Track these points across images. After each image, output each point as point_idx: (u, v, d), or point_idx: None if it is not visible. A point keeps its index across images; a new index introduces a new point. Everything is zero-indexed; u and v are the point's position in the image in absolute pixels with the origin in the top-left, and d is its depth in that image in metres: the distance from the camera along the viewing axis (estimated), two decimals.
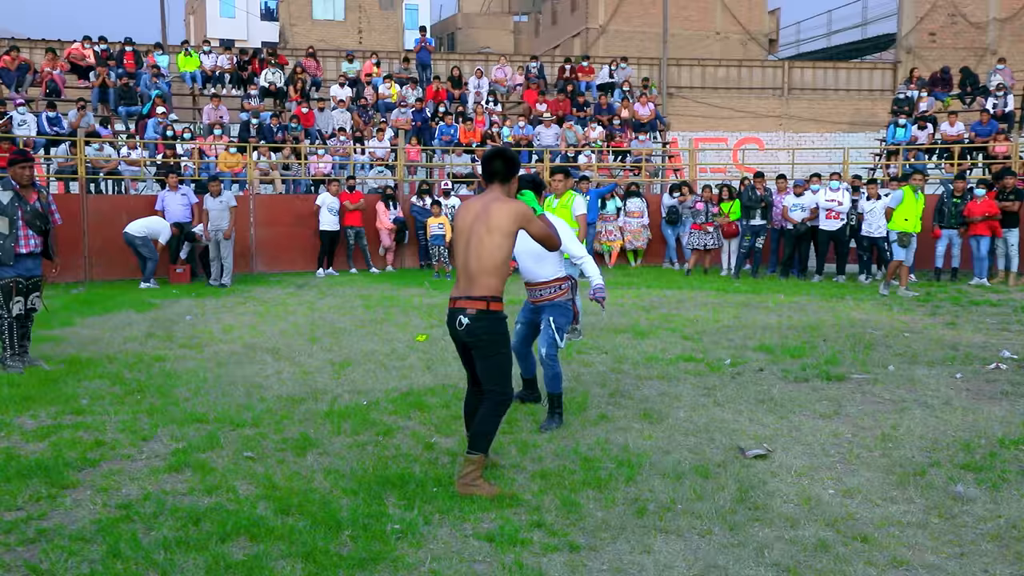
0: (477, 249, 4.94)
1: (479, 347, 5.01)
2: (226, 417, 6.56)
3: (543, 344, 6.36)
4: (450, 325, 5.08)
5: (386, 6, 43.56)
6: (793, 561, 4.13)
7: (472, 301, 4.94)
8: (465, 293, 4.97)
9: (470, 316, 4.93)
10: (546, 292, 6.36)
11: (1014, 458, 5.58)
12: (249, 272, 16.88)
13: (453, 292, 5.08)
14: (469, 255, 4.97)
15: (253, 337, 9.99)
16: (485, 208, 4.98)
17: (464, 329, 4.96)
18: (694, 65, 29.97)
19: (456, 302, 5.00)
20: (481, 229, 4.94)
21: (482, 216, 4.96)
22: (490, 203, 4.99)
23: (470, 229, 4.99)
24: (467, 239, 4.99)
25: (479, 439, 5.02)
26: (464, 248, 5.01)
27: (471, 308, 4.93)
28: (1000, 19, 30.21)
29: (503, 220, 4.91)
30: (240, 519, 4.55)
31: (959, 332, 10.18)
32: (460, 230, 5.07)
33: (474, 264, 4.95)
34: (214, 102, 20.59)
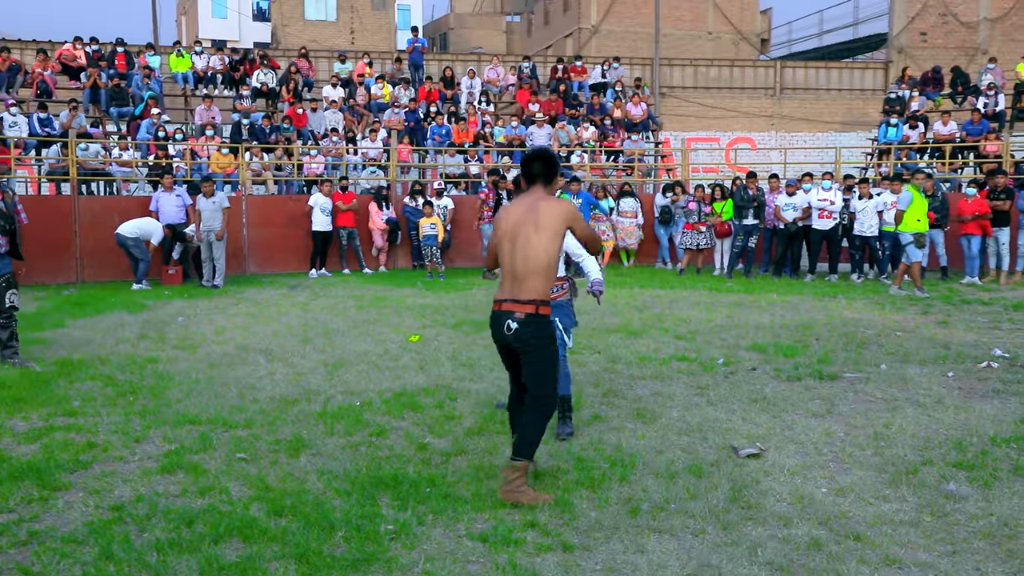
0: (524, 250, 4.80)
1: (527, 352, 4.87)
2: (219, 418, 6.55)
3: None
4: (495, 328, 4.94)
5: (378, 6, 43.51)
6: (786, 560, 4.13)
7: (520, 304, 4.81)
8: (512, 296, 4.84)
9: (518, 320, 4.80)
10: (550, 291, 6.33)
11: (1006, 456, 5.60)
12: (242, 273, 16.85)
13: (498, 294, 4.93)
14: (516, 257, 4.83)
15: (246, 338, 9.97)
16: (532, 208, 4.86)
17: (512, 334, 4.82)
18: (686, 65, 30.01)
19: (502, 305, 4.87)
20: (529, 229, 4.80)
21: (529, 216, 4.83)
22: (537, 203, 4.88)
23: (516, 230, 4.84)
24: (513, 241, 4.85)
25: (524, 446, 4.87)
26: (510, 250, 4.86)
27: (519, 312, 4.80)
28: (991, 19, 30.32)
29: (552, 219, 4.81)
30: (233, 520, 4.54)
31: (951, 331, 10.21)
32: (505, 232, 4.91)
33: (521, 266, 4.82)
34: (206, 103, 20.55)
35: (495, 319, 4.93)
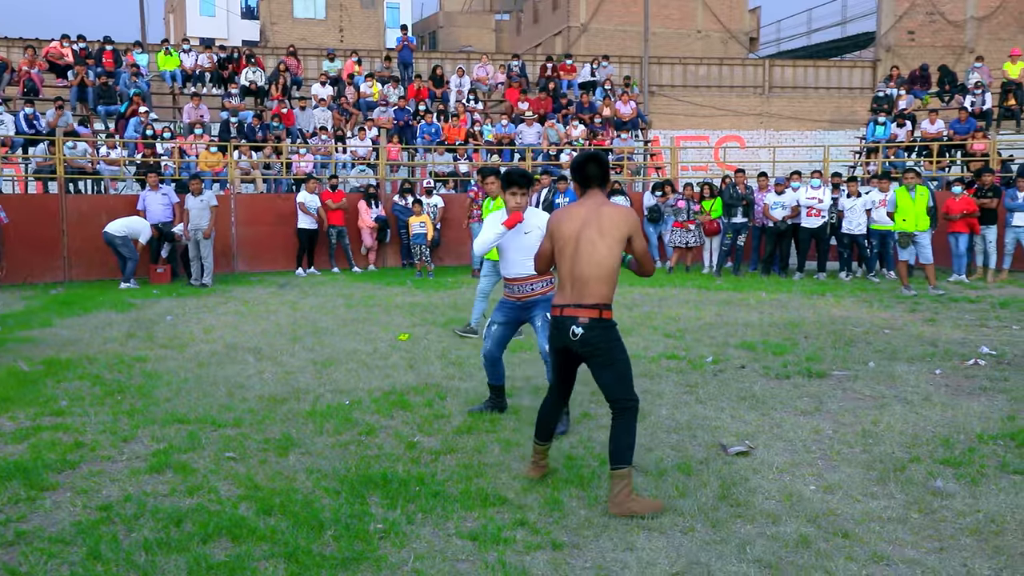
0: (589, 255, 4.73)
1: (596, 356, 4.77)
2: (207, 417, 6.53)
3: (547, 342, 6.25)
4: (558, 334, 4.84)
5: (367, 5, 43.44)
6: (775, 557, 4.15)
7: (584, 309, 4.73)
8: (575, 301, 4.75)
9: (584, 326, 4.72)
10: (538, 286, 6.31)
11: (992, 453, 5.63)
12: (230, 272, 16.81)
13: (558, 299, 4.84)
14: (579, 261, 4.75)
15: (234, 337, 9.95)
16: (596, 213, 4.79)
17: (579, 339, 4.73)
18: (675, 63, 30.05)
19: (564, 310, 4.78)
20: (593, 234, 4.74)
21: (592, 221, 4.76)
22: (600, 207, 4.82)
23: (578, 235, 4.77)
24: (575, 245, 4.77)
25: (622, 452, 4.71)
26: (572, 254, 4.78)
27: (583, 317, 4.72)
28: (978, 17, 30.44)
29: (617, 225, 4.76)
30: (222, 520, 4.53)
31: (938, 328, 10.25)
32: (565, 236, 4.82)
33: (585, 271, 4.73)
34: (194, 101, 20.48)
35: (558, 324, 4.83)
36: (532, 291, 6.32)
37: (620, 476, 4.68)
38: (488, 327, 6.53)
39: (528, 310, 6.39)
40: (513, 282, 6.35)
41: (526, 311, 6.40)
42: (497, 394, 6.70)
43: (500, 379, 6.66)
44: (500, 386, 6.69)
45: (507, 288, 6.42)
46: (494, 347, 6.51)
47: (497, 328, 6.48)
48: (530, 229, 6.27)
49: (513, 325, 6.52)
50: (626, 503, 4.64)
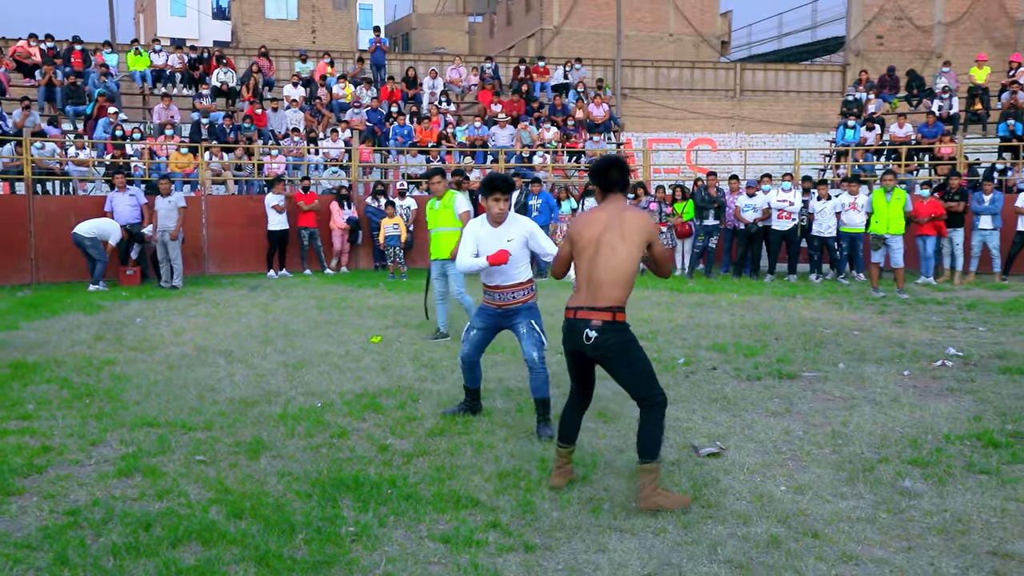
0: (608, 259, 4.78)
1: (611, 358, 4.81)
2: (177, 421, 6.48)
3: (533, 348, 6.18)
4: (571, 336, 4.87)
5: (340, 6, 43.28)
6: (745, 558, 4.17)
7: (597, 312, 4.77)
8: (588, 304, 4.80)
9: (596, 328, 4.75)
10: (519, 294, 6.26)
11: (959, 453, 5.70)
12: (201, 274, 16.68)
13: (572, 302, 4.88)
14: (597, 265, 4.80)
15: (205, 339, 9.87)
16: (617, 217, 4.83)
17: (592, 343, 4.77)
18: (648, 66, 30.19)
19: (577, 312, 4.82)
20: (614, 239, 4.78)
21: (614, 226, 4.80)
22: (622, 212, 4.87)
23: (599, 239, 4.81)
24: (595, 249, 4.81)
25: (650, 447, 4.75)
26: (591, 258, 4.82)
27: (596, 319, 4.76)
28: (945, 23, 30.82)
29: (637, 231, 4.81)
30: (192, 524, 4.50)
31: (906, 330, 10.36)
32: (585, 240, 4.86)
33: (603, 275, 4.78)
34: (165, 102, 20.30)
35: (571, 327, 4.85)
36: (513, 299, 6.27)
37: (647, 470, 4.73)
38: (467, 331, 6.50)
39: (509, 318, 6.33)
40: (494, 290, 6.28)
41: (506, 319, 6.34)
42: (473, 397, 6.69)
43: (476, 382, 6.66)
44: (476, 389, 6.69)
45: (487, 295, 6.35)
46: (472, 351, 6.49)
47: (476, 333, 6.45)
48: (512, 236, 6.22)
49: (492, 331, 6.50)
50: (652, 497, 4.70)
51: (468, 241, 6.34)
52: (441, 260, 9.72)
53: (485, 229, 6.32)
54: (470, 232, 6.35)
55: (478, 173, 19.29)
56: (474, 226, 6.38)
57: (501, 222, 6.28)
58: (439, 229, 9.72)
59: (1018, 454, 5.63)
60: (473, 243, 6.31)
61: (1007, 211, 15.49)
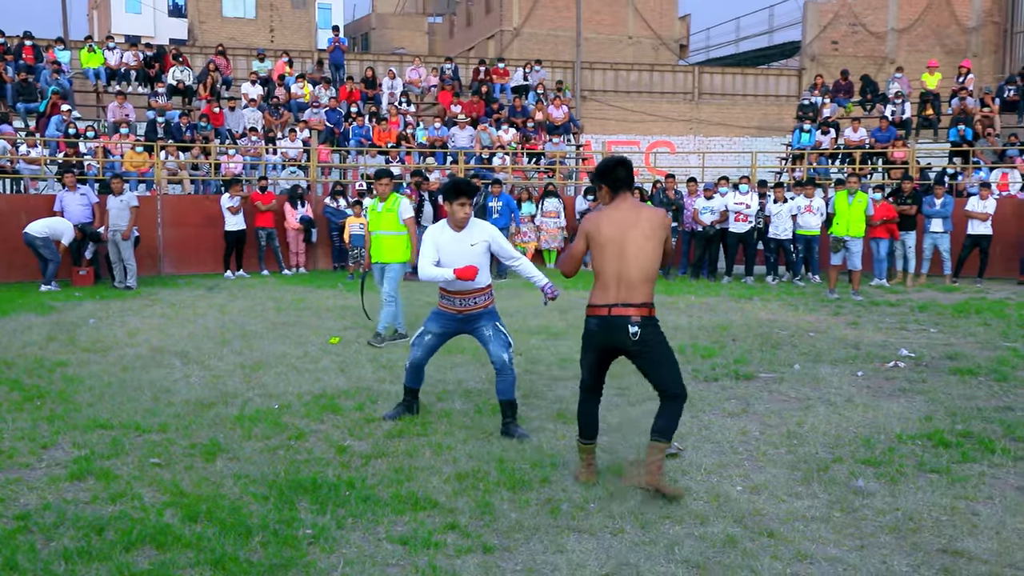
0: (638, 257, 4.92)
1: (648, 353, 4.96)
2: (131, 423, 6.39)
3: (502, 350, 6.16)
4: (608, 333, 4.97)
5: (298, 5, 42.97)
6: (702, 557, 4.21)
7: (635, 308, 4.91)
8: (624, 300, 4.92)
9: (638, 324, 4.90)
10: (481, 299, 6.22)
11: (911, 453, 5.79)
12: (157, 274, 16.47)
13: (601, 299, 4.99)
14: (627, 263, 4.92)
15: (160, 340, 9.75)
16: (637, 216, 4.98)
17: (638, 338, 4.90)
18: (607, 69, 30.34)
19: (612, 310, 4.93)
20: (639, 237, 4.93)
21: (637, 224, 4.95)
22: (639, 210, 5.03)
23: (623, 237, 4.94)
24: (620, 248, 4.93)
25: (668, 428, 4.97)
26: (617, 256, 4.94)
27: (636, 316, 4.90)
28: (898, 29, 31.34)
29: (658, 228, 4.99)
30: (146, 527, 4.44)
31: (861, 331, 10.52)
32: (606, 238, 4.96)
33: (635, 272, 4.92)
34: (119, 100, 20.02)
35: (608, 324, 4.95)
36: (475, 304, 6.22)
37: (659, 448, 4.95)
38: (420, 336, 6.40)
39: (470, 323, 6.28)
40: (456, 295, 6.20)
41: (468, 324, 6.29)
42: (413, 396, 6.63)
43: (419, 383, 6.62)
44: (417, 389, 6.64)
45: (446, 300, 6.27)
46: (424, 356, 6.43)
47: (431, 338, 6.38)
48: (475, 241, 6.16)
49: (448, 337, 6.44)
50: (657, 475, 4.90)
51: (429, 248, 6.16)
52: (383, 263, 9.62)
53: (447, 234, 6.18)
54: (431, 238, 6.19)
55: (438, 174, 19.25)
56: (435, 232, 6.22)
57: (464, 227, 6.20)
58: (381, 232, 9.59)
59: (967, 454, 5.74)
60: (435, 250, 6.15)
61: (957, 215, 15.80)
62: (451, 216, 6.17)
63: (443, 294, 6.28)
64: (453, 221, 6.17)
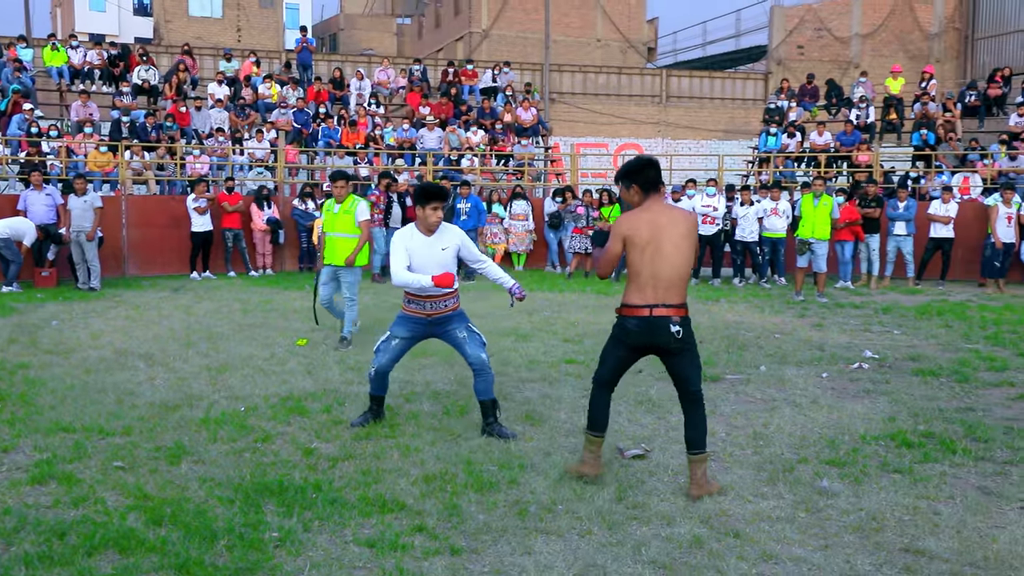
0: (674, 258, 4.99)
1: (685, 352, 5.06)
2: (94, 426, 6.31)
3: (480, 349, 6.16)
4: (649, 332, 5.00)
5: (266, 4, 42.73)
6: (669, 558, 4.23)
7: (675, 309, 4.99)
8: (664, 301, 4.98)
9: (679, 324, 4.98)
10: (451, 302, 6.20)
11: (874, 453, 5.86)
12: (121, 275, 16.28)
13: (640, 299, 5.01)
14: (664, 264, 4.97)
15: (124, 342, 9.64)
16: (670, 217, 5.05)
17: (680, 338, 4.98)
18: (575, 71, 30.43)
19: (654, 311, 4.98)
20: (676, 238, 5.00)
21: (671, 226, 5.01)
22: (672, 212, 5.12)
23: (660, 239, 4.97)
24: (658, 248, 4.97)
25: (702, 438, 5.08)
26: (652, 257, 4.97)
27: (676, 316, 4.99)
28: (862, 35, 31.71)
29: (692, 229, 5.11)
30: (109, 532, 4.39)
31: (825, 333, 10.62)
32: (645, 239, 4.98)
33: (672, 272, 4.99)
34: (82, 99, 19.78)
35: (651, 325, 4.98)
36: (445, 307, 6.19)
37: (702, 460, 5.08)
38: (387, 341, 6.33)
39: (441, 326, 6.24)
40: (426, 299, 6.16)
41: (438, 327, 6.25)
42: (379, 404, 6.55)
43: (385, 390, 6.54)
44: (383, 396, 6.56)
45: (415, 304, 6.21)
46: (389, 362, 6.35)
47: (399, 343, 6.31)
48: (446, 245, 6.15)
49: (416, 341, 6.40)
50: (706, 486, 5.05)
51: (400, 253, 6.10)
52: (334, 266, 9.48)
53: (417, 239, 6.14)
54: (401, 243, 6.13)
55: (407, 176, 19.20)
56: (404, 236, 6.17)
57: (434, 231, 6.16)
58: (336, 234, 9.45)
59: (929, 454, 5.82)
60: (406, 254, 6.09)
61: (920, 218, 16.00)
62: (422, 220, 6.12)
63: (411, 298, 6.23)
64: (424, 225, 6.13)
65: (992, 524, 4.68)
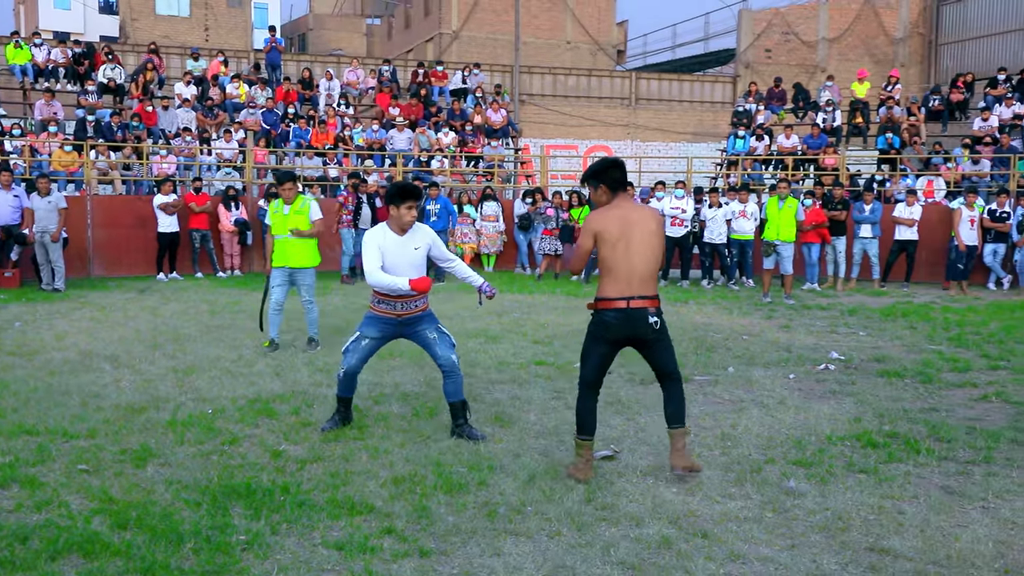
0: (646, 253, 5.24)
1: (660, 340, 5.36)
2: (58, 428, 6.23)
3: (450, 351, 6.18)
4: (628, 324, 5.23)
5: (234, 3, 42.39)
6: (638, 559, 4.25)
7: (650, 300, 5.27)
8: (641, 293, 5.24)
9: (655, 314, 5.28)
10: (421, 302, 6.20)
11: (840, 453, 5.92)
12: (86, 276, 16.09)
13: (617, 292, 5.22)
14: (637, 258, 5.22)
15: (89, 344, 9.53)
16: (639, 214, 5.35)
17: (657, 328, 5.28)
18: (545, 73, 30.48)
19: (631, 302, 5.21)
20: (646, 234, 5.25)
21: (641, 222, 5.28)
22: (641, 209, 5.47)
23: (631, 235, 5.21)
24: (628, 244, 5.20)
25: (682, 413, 5.44)
26: (626, 252, 5.21)
27: (652, 307, 5.27)
28: (828, 39, 32.03)
29: (659, 226, 5.41)
30: (73, 535, 4.33)
31: (792, 335, 10.72)
32: (616, 235, 5.20)
33: (645, 266, 5.24)
34: (46, 97, 19.54)
35: (630, 316, 5.22)
36: (416, 308, 6.18)
37: (682, 433, 5.40)
38: (356, 341, 6.28)
39: (411, 326, 6.22)
40: (397, 299, 6.13)
41: (408, 327, 6.23)
42: (347, 406, 6.49)
43: (353, 392, 6.49)
44: (351, 398, 6.50)
45: (385, 304, 6.17)
46: (359, 363, 6.30)
47: (369, 343, 6.27)
48: (419, 245, 6.16)
49: (385, 341, 6.37)
50: (688, 457, 5.38)
51: (374, 252, 6.07)
52: (290, 268, 9.32)
53: (390, 238, 6.11)
54: (374, 242, 6.10)
55: (376, 176, 19.14)
56: (377, 236, 6.14)
57: (407, 231, 6.15)
58: (290, 236, 9.27)
59: (894, 454, 5.89)
60: (379, 254, 6.06)
61: (886, 220, 16.21)
62: (396, 219, 6.10)
63: (381, 298, 6.20)
64: (398, 225, 6.11)
65: (955, 523, 4.74)
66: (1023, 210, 15.68)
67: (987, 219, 15.88)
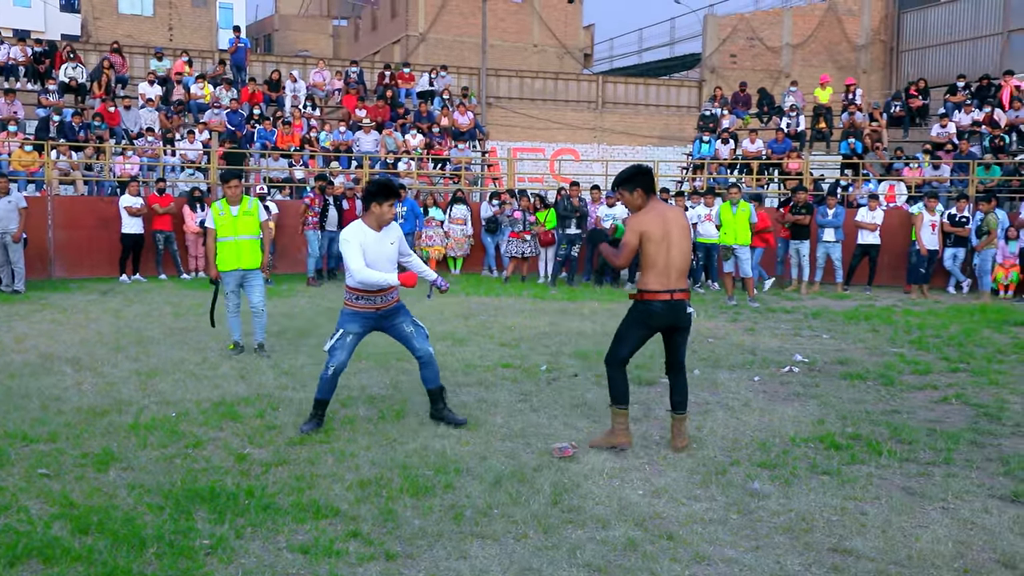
0: (683, 250, 5.90)
1: (687, 330, 6.10)
2: (18, 432, 6.14)
3: (426, 343, 6.54)
4: (670, 314, 5.88)
5: (199, 3, 41.99)
6: (604, 561, 4.27)
7: (686, 293, 5.94)
8: (679, 287, 5.90)
9: (689, 305, 5.98)
10: (395, 294, 6.44)
11: (804, 455, 5.98)
12: (47, 278, 15.86)
13: (661, 285, 5.84)
14: (675, 255, 5.86)
15: (50, 346, 9.39)
16: (675, 215, 5.98)
17: (691, 317, 6.00)
18: (512, 76, 30.51)
19: (675, 295, 5.87)
20: (680, 232, 5.90)
21: (677, 221, 5.93)
22: (672, 211, 6.02)
23: (670, 234, 5.83)
24: (670, 242, 5.82)
25: (686, 399, 6.14)
26: (667, 249, 5.82)
27: (687, 299, 5.93)
28: (793, 44, 32.38)
29: (688, 226, 6.04)
30: (32, 541, 4.27)
31: (757, 338, 10.81)
32: (660, 234, 5.79)
33: (682, 263, 5.90)
34: (7, 97, 19.23)
35: (673, 307, 5.89)
36: (392, 299, 6.43)
37: (684, 419, 6.12)
38: (341, 338, 6.33)
39: (388, 319, 6.44)
40: (376, 294, 6.31)
41: (386, 319, 6.44)
42: (323, 409, 6.48)
43: (332, 394, 6.50)
44: (328, 401, 6.51)
45: (364, 300, 6.31)
46: (347, 359, 6.40)
47: (353, 339, 6.39)
48: (393, 240, 6.40)
49: (364, 335, 6.52)
50: (686, 441, 6.06)
51: (357, 250, 6.18)
52: (243, 270, 9.18)
53: (370, 235, 6.28)
54: (355, 240, 6.19)
55: (342, 178, 19.05)
56: (356, 234, 6.23)
57: (383, 227, 6.36)
58: (241, 237, 9.08)
59: (856, 455, 5.96)
60: (361, 251, 6.20)
61: (848, 224, 16.38)
62: (377, 216, 6.31)
63: (360, 294, 6.32)
64: (378, 221, 6.32)
65: (916, 524, 4.81)
66: (982, 215, 15.92)
67: (947, 224, 16.11)
